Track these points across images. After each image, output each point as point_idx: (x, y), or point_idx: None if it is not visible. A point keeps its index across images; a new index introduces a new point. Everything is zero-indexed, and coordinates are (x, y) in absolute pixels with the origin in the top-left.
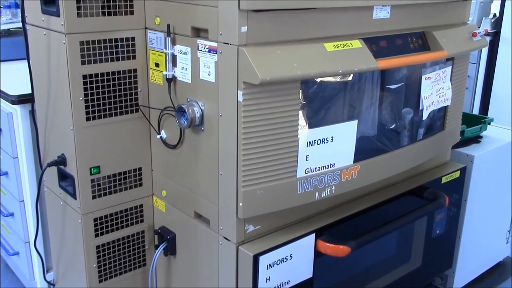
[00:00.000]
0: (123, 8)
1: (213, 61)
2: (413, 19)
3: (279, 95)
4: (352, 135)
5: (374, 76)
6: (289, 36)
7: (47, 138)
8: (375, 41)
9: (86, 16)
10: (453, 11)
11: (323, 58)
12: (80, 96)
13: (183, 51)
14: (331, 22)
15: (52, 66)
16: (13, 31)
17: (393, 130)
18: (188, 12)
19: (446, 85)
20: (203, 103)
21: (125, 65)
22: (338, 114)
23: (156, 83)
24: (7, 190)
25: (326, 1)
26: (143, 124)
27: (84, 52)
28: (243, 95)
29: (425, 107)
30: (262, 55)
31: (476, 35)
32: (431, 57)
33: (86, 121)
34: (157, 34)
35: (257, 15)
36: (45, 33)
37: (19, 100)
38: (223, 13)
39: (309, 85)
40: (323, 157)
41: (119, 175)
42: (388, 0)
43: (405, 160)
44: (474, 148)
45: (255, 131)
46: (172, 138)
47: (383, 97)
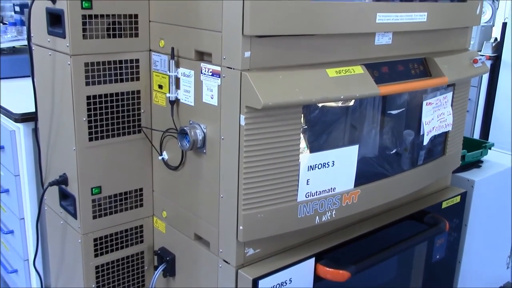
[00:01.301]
0: (128, 30)
1: (216, 85)
2: (414, 45)
3: (281, 120)
4: (353, 159)
5: (376, 101)
6: (292, 61)
7: (49, 157)
8: (377, 67)
9: (92, 38)
10: (454, 38)
11: (325, 83)
12: (84, 116)
13: (187, 74)
14: (333, 48)
15: (57, 86)
16: (18, 49)
17: (394, 154)
18: (193, 36)
19: (447, 111)
20: (206, 126)
21: (128, 87)
22: (339, 139)
23: (159, 105)
24: (7, 207)
25: (329, 27)
26: (145, 145)
27: (88, 73)
28: (245, 119)
29: (426, 132)
30: (265, 80)
31: (477, 62)
32: (432, 83)
33: (88, 141)
34: (161, 56)
35: (260, 41)
36: (50, 54)
37: (22, 119)
38: (227, 38)
39: (311, 109)
40: (324, 181)
41: (120, 196)
42: (390, 27)
43: (406, 185)
44: (474, 173)
45: (256, 154)
46: (173, 160)
47: (384, 121)
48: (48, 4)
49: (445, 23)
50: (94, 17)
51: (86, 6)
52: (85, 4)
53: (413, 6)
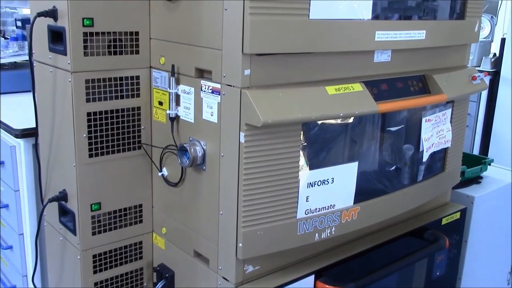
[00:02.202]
0: (129, 47)
1: (216, 102)
2: (413, 62)
3: (281, 137)
4: (352, 176)
5: (375, 118)
6: (291, 78)
7: (49, 173)
8: (376, 84)
9: (93, 55)
10: (453, 55)
11: (325, 101)
12: (84, 133)
13: (187, 91)
14: (332, 65)
15: (57, 103)
16: (19, 64)
17: (393, 171)
18: (193, 53)
19: (446, 127)
20: (205, 143)
21: (129, 103)
22: (338, 155)
23: (159, 121)
24: (7, 222)
25: (328, 45)
26: (145, 161)
27: (89, 90)
28: (245, 136)
29: (425, 149)
30: (264, 97)
31: (476, 79)
32: (431, 100)
33: (88, 158)
34: (161, 73)
35: (260, 58)
36: (52, 70)
37: (22, 134)
38: (227, 56)
39: (310, 126)
40: (323, 198)
41: (119, 212)
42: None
43: (406, 201)
44: (474, 189)
45: (256, 172)
46: (173, 176)
47: (384, 138)
48: (50, 21)
49: (444, 40)
50: (95, 35)
51: (87, 24)
52: (87, 22)
53: (411, 24)
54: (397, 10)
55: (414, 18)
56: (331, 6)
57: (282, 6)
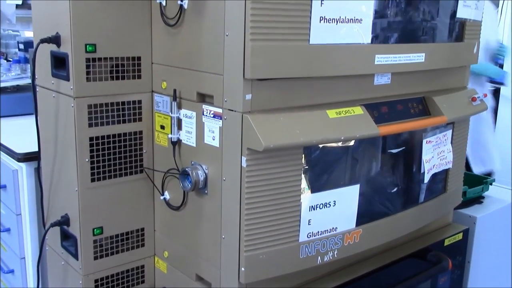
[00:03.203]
0: (131, 72)
1: (218, 126)
2: (413, 84)
3: (282, 161)
4: (354, 199)
5: (376, 140)
6: (292, 102)
7: (51, 197)
8: (376, 107)
9: (95, 81)
10: (452, 76)
11: (326, 125)
12: (86, 157)
13: (189, 115)
14: (333, 89)
15: (60, 127)
16: (22, 86)
17: (395, 193)
18: (194, 78)
19: (447, 148)
20: (207, 167)
21: (131, 127)
22: (340, 178)
23: (161, 145)
24: (8, 246)
25: (328, 69)
26: (147, 184)
27: (91, 115)
28: (247, 160)
29: (426, 170)
30: (266, 122)
31: (476, 100)
32: (431, 122)
33: (91, 182)
34: (163, 97)
35: (261, 83)
36: (54, 96)
37: (25, 158)
38: (228, 81)
39: (311, 150)
40: (325, 221)
41: (121, 236)
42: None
43: (408, 223)
44: (476, 209)
45: (258, 196)
46: (175, 200)
47: (385, 160)
48: (53, 47)
49: (443, 62)
50: (97, 60)
51: (90, 50)
52: (89, 48)
53: (411, 47)
54: (396, 34)
55: (413, 41)
56: (331, 30)
57: (283, 31)
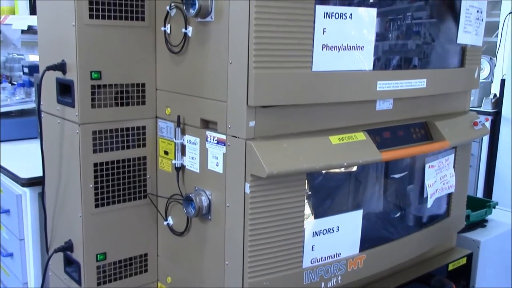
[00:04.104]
0: (135, 98)
1: (221, 153)
2: (415, 109)
3: (286, 187)
4: (357, 224)
5: (379, 165)
6: (295, 128)
7: (55, 222)
8: (379, 132)
9: (100, 107)
10: (454, 101)
11: (328, 151)
12: (90, 183)
13: (192, 141)
14: (335, 115)
15: (64, 153)
16: (26, 110)
17: (398, 218)
18: (198, 104)
19: (450, 172)
20: (211, 193)
21: (135, 153)
22: (343, 204)
23: (165, 171)
24: (11, 271)
25: (331, 96)
26: (151, 210)
27: (96, 141)
28: (250, 187)
29: (429, 194)
30: (269, 148)
31: (477, 124)
32: (434, 147)
33: (94, 208)
34: (167, 123)
35: (265, 110)
36: (59, 122)
37: (29, 183)
38: (232, 108)
39: (314, 176)
40: (329, 246)
41: (124, 261)
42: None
43: (411, 248)
44: (480, 233)
45: (261, 222)
46: (179, 225)
47: (387, 185)
48: (59, 74)
49: (445, 88)
50: (102, 87)
51: (95, 77)
52: (94, 75)
53: (412, 73)
54: (398, 60)
55: (415, 67)
56: (333, 58)
57: (286, 59)
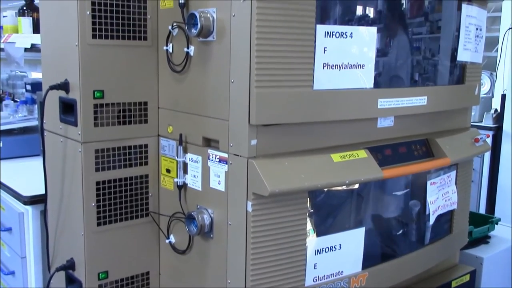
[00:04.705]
0: (137, 117)
1: (223, 171)
2: (416, 126)
3: (288, 205)
4: (360, 242)
5: (380, 182)
6: (297, 147)
7: (57, 240)
8: (380, 149)
9: (102, 126)
10: (455, 117)
11: (330, 169)
12: (93, 202)
13: (194, 159)
14: (337, 133)
15: (67, 171)
16: (29, 128)
17: (401, 235)
18: (200, 123)
19: (452, 189)
20: (213, 211)
21: (137, 171)
22: (345, 221)
23: (167, 188)
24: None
25: (332, 114)
26: (153, 228)
27: (98, 159)
28: (252, 205)
29: (431, 211)
30: (271, 167)
31: (479, 141)
32: (435, 164)
33: (97, 226)
34: (169, 141)
35: (266, 129)
36: (62, 140)
37: (31, 201)
38: (234, 126)
39: (316, 194)
40: (331, 264)
41: (126, 280)
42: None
43: (414, 265)
44: (483, 249)
45: (264, 240)
46: (180, 243)
47: (389, 202)
48: (62, 93)
49: (445, 105)
50: (105, 106)
51: (98, 96)
52: (97, 94)
53: (413, 91)
54: (398, 78)
55: (416, 85)
56: (334, 76)
57: (287, 78)
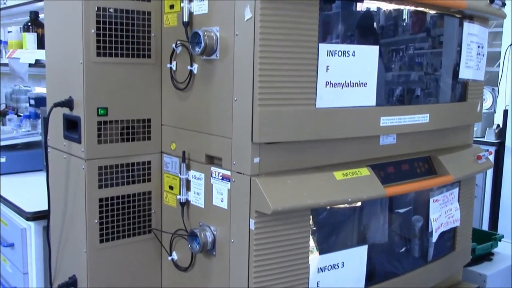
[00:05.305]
0: (141, 134)
1: (226, 189)
2: (418, 143)
3: (290, 223)
4: (362, 259)
5: (383, 200)
6: (300, 164)
7: (59, 257)
8: (383, 167)
9: (106, 143)
10: (457, 134)
11: (333, 187)
12: (95, 218)
13: (197, 176)
14: (340, 150)
15: (70, 188)
16: (32, 143)
17: (404, 252)
18: (203, 140)
19: (454, 206)
20: (216, 228)
21: (140, 188)
22: (348, 239)
23: (170, 205)
24: None
25: (335, 132)
26: (155, 245)
27: (101, 176)
28: (255, 223)
29: (434, 229)
30: (274, 185)
31: (481, 158)
32: (438, 182)
33: (99, 243)
34: (172, 158)
35: (269, 147)
36: (65, 157)
37: (34, 217)
38: (237, 144)
39: (319, 211)
40: (334, 282)
41: None
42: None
43: (417, 283)
44: (486, 266)
45: (266, 258)
46: (183, 260)
47: (392, 219)
48: (66, 110)
49: (447, 122)
50: (109, 123)
51: (101, 113)
52: (101, 111)
53: (415, 109)
54: (401, 95)
55: (418, 102)
56: (336, 94)
57: (290, 96)
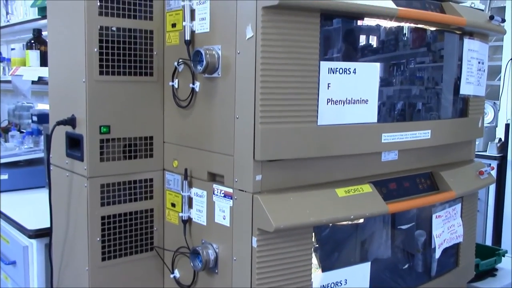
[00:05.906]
0: (143, 151)
1: (228, 206)
2: (420, 159)
3: (293, 240)
4: (365, 277)
5: (385, 217)
6: (302, 181)
7: (61, 274)
8: (385, 183)
9: (108, 160)
10: (459, 150)
11: (335, 204)
12: (98, 236)
13: (199, 194)
14: (341, 167)
15: (72, 206)
16: (34, 159)
17: (407, 269)
18: (205, 158)
19: (457, 222)
20: (218, 246)
21: (142, 205)
22: (350, 256)
23: (172, 223)
24: None
25: (336, 149)
26: (157, 262)
27: (104, 194)
28: (257, 241)
29: (437, 245)
30: (276, 202)
31: (483, 173)
32: (440, 198)
33: (101, 261)
34: (174, 176)
35: (271, 164)
36: (68, 175)
37: (36, 235)
38: (239, 162)
39: (321, 228)
40: None
41: None
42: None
43: None
44: (490, 282)
45: (269, 276)
46: (185, 278)
47: (395, 236)
48: (68, 128)
49: (449, 138)
50: (111, 141)
51: (104, 131)
52: (104, 129)
53: (417, 125)
54: (402, 112)
55: (419, 119)
56: (338, 112)
57: (292, 114)
